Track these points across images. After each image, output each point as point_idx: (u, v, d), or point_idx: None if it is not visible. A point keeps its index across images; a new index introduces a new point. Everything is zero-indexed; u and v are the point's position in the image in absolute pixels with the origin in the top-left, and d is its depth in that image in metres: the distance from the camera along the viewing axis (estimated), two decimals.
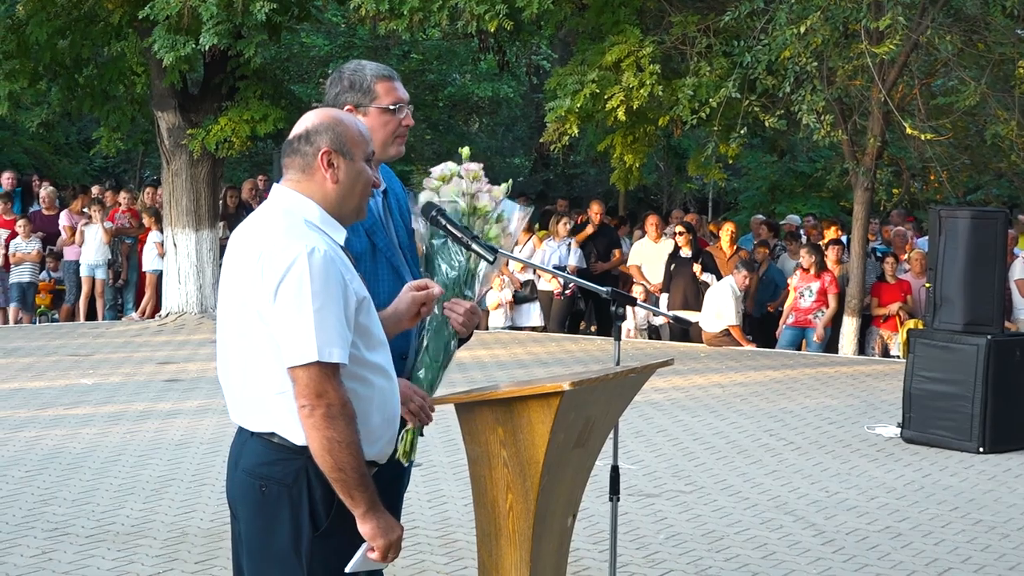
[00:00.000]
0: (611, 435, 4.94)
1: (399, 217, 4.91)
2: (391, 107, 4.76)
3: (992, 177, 18.76)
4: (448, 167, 4.89)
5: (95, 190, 21.20)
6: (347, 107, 4.78)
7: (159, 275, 18.89)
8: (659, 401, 12.61)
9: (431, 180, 4.88)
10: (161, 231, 18.88)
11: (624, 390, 4.74)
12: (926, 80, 17.13)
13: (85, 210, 19.45)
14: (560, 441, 4.33)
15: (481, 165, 4.92)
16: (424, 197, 4.86)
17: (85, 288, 19.03)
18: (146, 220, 19.27)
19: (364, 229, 4.69)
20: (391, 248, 4.76)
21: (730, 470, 9.99)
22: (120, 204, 19.85)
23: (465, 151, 5.08)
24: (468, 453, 4.45)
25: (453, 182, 4.85)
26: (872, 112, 16.15)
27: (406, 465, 4.66)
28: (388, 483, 4.72)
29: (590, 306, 19.12)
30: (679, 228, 17.62)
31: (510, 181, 5.21)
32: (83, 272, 19.01)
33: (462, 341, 4.84)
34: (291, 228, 3.82)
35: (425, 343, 4.72)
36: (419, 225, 4.86)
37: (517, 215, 4.91)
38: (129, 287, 19.62)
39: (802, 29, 14.45)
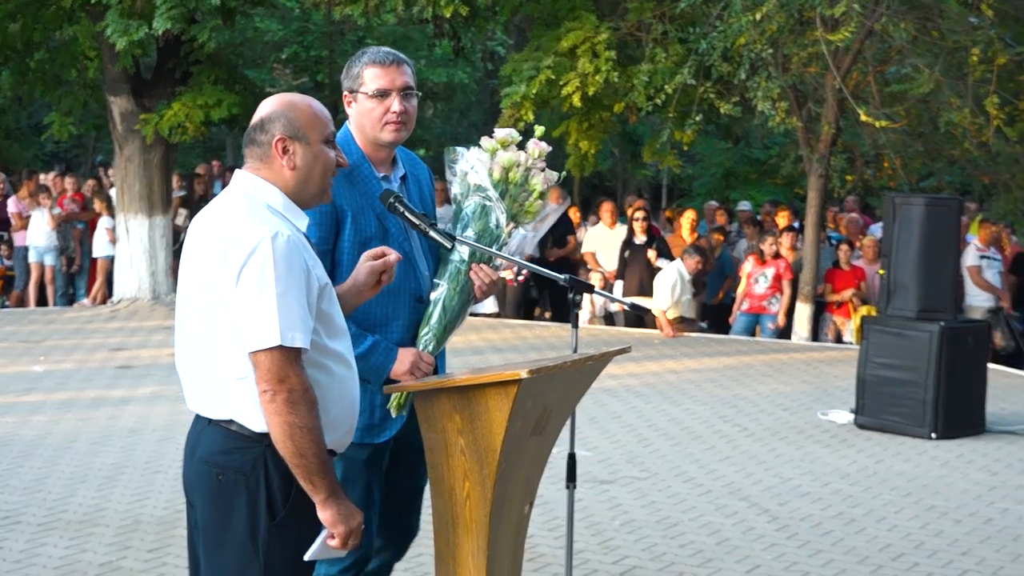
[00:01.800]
0: (567, 423, 4.93)
1: (419, 203, 4.96)
2: (374, 93, 4.81)
3: (945, 164, 18.81)
4: (512, 133, 4.96)
5: (49, 177, 20.98)
6: (344, 94, 4.92)
7: (110, 261, 18.76)
8: (614, 388, 12.62)
9: (490, 140, 4.94)
10: (112, 216, 18.77)
11: (581, 378, 4.73)
12: (880, 67, 17.17)
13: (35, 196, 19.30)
14: (517, 429, 4.32)
15: (549, 148, 5.00)
16: (475, 155, 4.96)
17: (34, 274, 18.90)
18: (97, 205, 19.14)
19: (376, 213, 4.74)
20: (403, 233, 4.81)
21: (684, 456, 10.01)
22: (67, 190, 19.71)
23: (539, 129, 5.15)
24: (425, 441, 4.43)
25: (511, 150, 4.91)
26: (826, 99, 16.21)
27: (395, 417, 4.82)
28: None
29: (544, 293, 19.11)
30: (638, 214, 17.58)
31: (563, 172, 5.31)
32: (31, 258, 18.88)
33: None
34: (253, 212, 3.82)
35: (444, 298, 4.84)
36: (453, 187, 5.00)
37: (552, 213, 5.05)
38: (82, 273, 19.49)
39: (758, 16, 14.47)
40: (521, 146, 5.00)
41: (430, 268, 4.94)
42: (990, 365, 12.16)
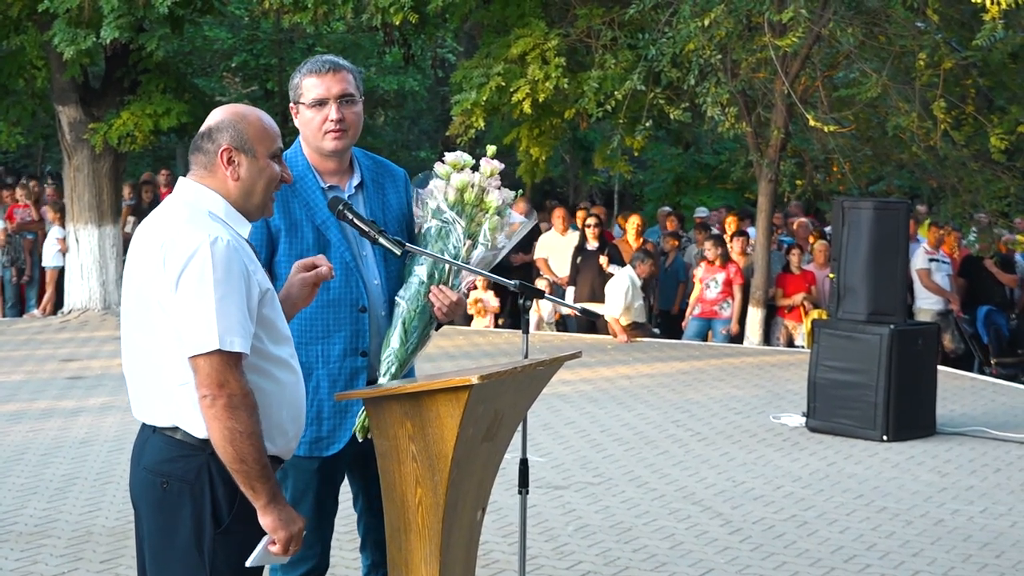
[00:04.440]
0: (520, 428, 4.94)
1: (380, 212, 4.93)
2: (312, 103, 4.81)
3: (894, 168, 18.87)
4: (462, 156, 4.96)
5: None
6: (291, 105, 4.92)
7: (60, 271, 18.62)
8: (567, 393, 12.63)
9: (443, 165, 4.95)
10: (63, 227, 18.64)
11: (533, 383, 4.74)
12: (828, 72, 17.26)
13: None
14: (469, 435, 4.32)
15: (503, 166, 5.01)
16: (432, 181, 4.95)
17: None
18: (50, 215, 19.00)
19: (316, 225, 4.73)
20: (344, 243, 4.78)
21: (638, 461, 10.03)
22: (18, 200, 19.56)
23: (491, 149, 5.14)
24: (377, 448, 4.43)
25: (465, 172, 4.92)
26: (775, 104, 16.27)
27: (360, 440, 4.79)
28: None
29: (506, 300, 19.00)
30: (591, 220, 17.64)
31: (520, 191, 5.32)
32: None
33: (439, 326, 4.96)
34: (193, 218, 3.82)
35: (404, 318, 4.81)
36: (417, 209, 4.98)
37: (520, 225, 5.05)
38: (32, 284, 19.34)
39: (706, 22, 14.52)
40: (476, 168, 5.01)
41: (383, 277, 4.92)
42: (940, 367, 12.25)
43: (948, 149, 15.84)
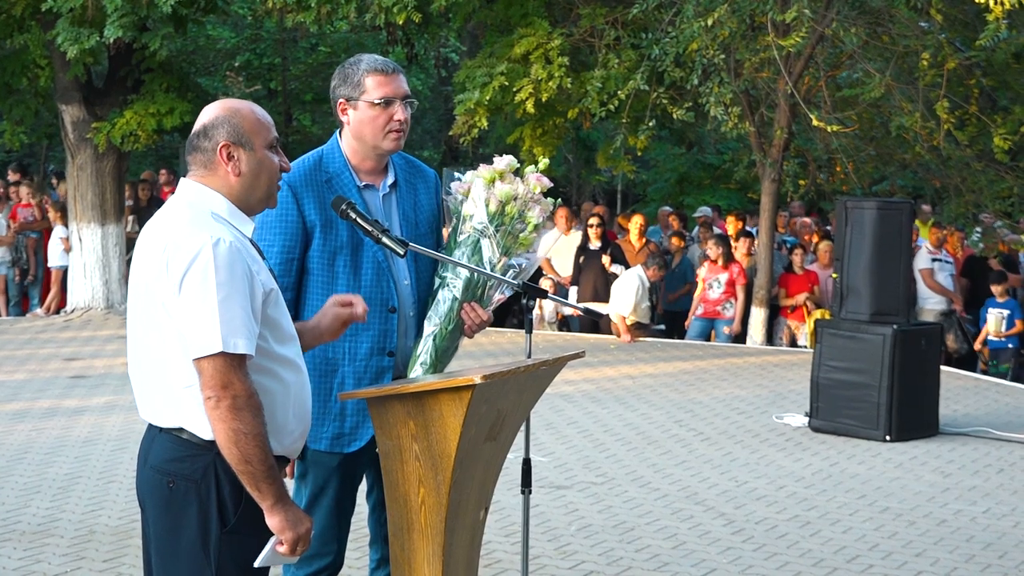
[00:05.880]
0: (522, 428, 4.94)
1: (412, 212, 4.92)
2: (378, 101, 4.76)
3: (897, 168, 18.87)
4: (511, 162, 4.92)
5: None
6: (340, 101, 4.84)
7: (65, 271, 18.62)
8: (570, 393, 12.63)
9: (489, 169, 4.91)
10: (67, 226, 18.63)
11: (536, 383, 4.74)
12: (832, 72, 17.26)
13: None
14: (472, 435, 4.32)
15: (551, 183, 4.98)
16: (472, 180, 4.92)
17: None
18: (51, 214, 19.00)
19: (350, 223, 4.70)
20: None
21: (640, 461, 10.02)
22: (22, 199, 19.56)
23: (544, 162, 5.11)
24: (380, 447, 4.43)
25: (507, 179, 4.88)
26: (779, 104, 16.27)
27: (368, 427, 4.78)
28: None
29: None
30: (593, 220, 17.65)
31: (559, 199, 5.28)
32: None
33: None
34: (196, 220, 3.81)
35: (436, 336, 4.83)
36: (448, 202, 4.99)
37: (547, 239, 5.03)
38: (35, 283, 19.34)
39: (709, 22, 14.52)
40: (518, 172, 4.98)
41: (413, 278, 4.91)
42: (943, 367, 12.24)
43: (951, 149, 15.84)
